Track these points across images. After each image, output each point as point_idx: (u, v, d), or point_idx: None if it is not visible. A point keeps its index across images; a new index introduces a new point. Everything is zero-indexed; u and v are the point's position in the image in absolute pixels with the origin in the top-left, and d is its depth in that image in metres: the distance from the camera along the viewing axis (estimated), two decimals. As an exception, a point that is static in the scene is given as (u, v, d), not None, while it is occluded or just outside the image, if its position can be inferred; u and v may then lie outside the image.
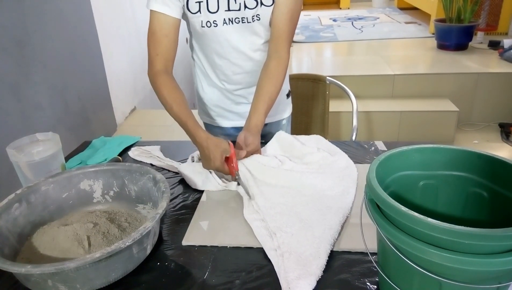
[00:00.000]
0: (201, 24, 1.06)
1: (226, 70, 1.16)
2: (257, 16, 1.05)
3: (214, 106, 1.27)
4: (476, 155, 0.62)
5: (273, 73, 1.08)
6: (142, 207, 0.88)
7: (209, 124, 1.34)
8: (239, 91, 1.22)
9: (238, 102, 1.25)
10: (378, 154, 1.11)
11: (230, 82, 1.19)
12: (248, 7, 1.04)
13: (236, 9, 1.04)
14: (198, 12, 1.04)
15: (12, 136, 0.98)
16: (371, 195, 0.56)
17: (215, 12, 1.04)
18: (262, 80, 1.09)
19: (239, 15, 1.05)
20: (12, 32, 1.75)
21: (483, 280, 0.51)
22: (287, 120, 1.37)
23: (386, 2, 6.21)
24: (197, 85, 1.28)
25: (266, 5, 1.04)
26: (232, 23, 1.06)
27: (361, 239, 0.62)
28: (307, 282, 0.66)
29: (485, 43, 3.57)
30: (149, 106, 3.40)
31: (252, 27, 1.08)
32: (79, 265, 0.61)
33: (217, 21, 1.05)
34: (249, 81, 1.19)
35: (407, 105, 2.84)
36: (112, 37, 2.74)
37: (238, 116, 1.27)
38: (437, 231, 0.47)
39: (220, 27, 1.06)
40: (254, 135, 1.03)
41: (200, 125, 0.99)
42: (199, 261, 0.75)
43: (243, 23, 1.06)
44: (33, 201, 0.82)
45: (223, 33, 1.08)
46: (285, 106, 1.34)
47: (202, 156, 0.97)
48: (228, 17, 1.05)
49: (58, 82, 2.11)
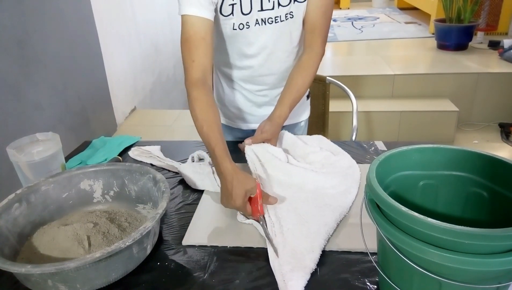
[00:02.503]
0: (232, 26, 1.03)
1: (254, 72, 1.14)
2: (290, 13, 1.03)
3: (235, 109, 1.25)
4: (476, 155, 0.62)
5: (304, 66, 1.08)
6: (142, 207, 0.88)
7: (228, 126, 1.31)
8: (263, 92, 1.19)
9: (260, 104, 1.22)
10: (378, 154, 1.11)
11: (255, 82, 1.17)
12: (282, 4, 1.01)
13: (269, 8, 1.01)
14: (230, 14, 1.01)
15: (12, 136, 0.98)
16: (371, 195, 0.56)
17: (248, 14, 1.01)
18: (293, 73, 1.09)
19: (272, 14, 1.02)
20: (12, 32, 1.75)
21: (483, 280, 0.51)
22: (305, 122, 1.34)
23: (386, 2, 6.21)
24: (217, 86, 1.26)
25: (299, 1, 1.02)
26: (265, 24, 1.03)
27: (361, 239, 0.62)
28: (301, 274, 0.68)
29: (485, 43, 3.57)
30: (149, 106, 3.40)
31: (284, 27, 1.05)
32: (79, 265, 0.61)
33: (249, 23, 1.02)
34: (275, 83, 1.17)
35: (407, 105, 2.83)
36: (112, 37, 2.74)
37: (259, 119, 1.22)
38: (437, 231, 0.47)
39: (252, 28, 1.03)
40: (273, 125, 1.02)
41: (229, 154, 0.88)
42: (199, 261, 0.75)
43: (276, 22, 1.04)
44: (33, 201, 0.82)
45: (255, 34, 1.05)
46: (304, 107, 1.31)
47: (222, 190, 0.84)
48: (261, 17, 1.02)
49: (58, 82, 2.11)
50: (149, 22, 3.33)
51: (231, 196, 0.81)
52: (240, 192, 0.80)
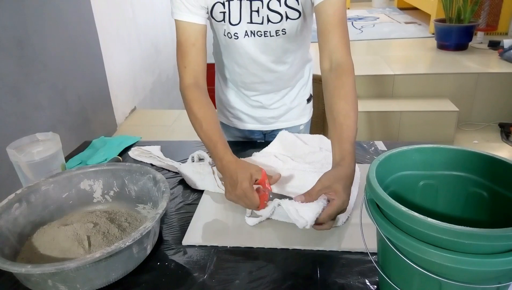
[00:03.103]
0: (224, 32, 1.02)
1: (245, 79, 1.13)
2: (283, 30, 0.99)
3: (232, 108, 1.25)
4: (476, 155, 0.62)
5: (339, 89, 0.87)
6: (142, 207, 0.88)
7: (226, 124, 1.31)
8: (256, 97, 1.19)
9: (255, 106, 1.22)
10: (378, 154, 1.11)
11: (247, 88, 1.17)
12: (272, 21, 0.97)
13: (258, 22, 0.98)
14: (222, 21, 1.00)
15: (12, 136, 0.98)
16: (371, 195, 0.56)
17: (237, 24, 0.99)
18: (331, 102, 0.87)
19: (261, 28, 0.99)
20: (12, 32, 1.75)
21: (483, 280, 0.51)
22: (305, 125, 1.29)
23: (386, 2, 6.21)
24: (217, 85, 1.26)
25: (292, 19, 0.97)
26: (254, 36, 1.01)
27: (361, 239, 0.62)
28: None
29: (485, 43, 3.57)
30: (149, 106, 3.40)
31: (275, 41, 1.02)
32: (79, 265, 0.61)
33: (238, 34, 1.01)
34: (267, 89, 1.16)
35: (407, 105, 2.84)
36: (112, 37, 2.74)
37: (255, 120, 1.24)
38: (437, 231, 0.47)
39: (241, 39, 1.02)
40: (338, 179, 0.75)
41: (230, 149, 0.89)
42: (199, 261, 0.75)
43: (266, 36, 1.00)
44: (33, 201, 0.82)
45: (243, 45, 1.03)
46: (304, 111, 1.26)
47: (227, 181, 0.84)
48: (250, 29, 1.00)
49: (58, 82, 2.11)
50: (149, 22, 3.33)
51: (237, 181, 0.80)
52: (245, 175, 0.81)
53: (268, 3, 0.95)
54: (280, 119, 1.24)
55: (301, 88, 1.22)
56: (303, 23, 1.01)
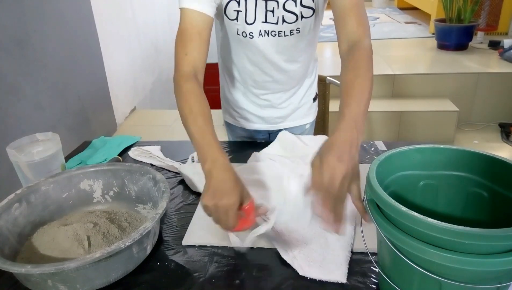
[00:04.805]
0: (237, 31, 1.01)
1: (257, 77, 1.13)
2: (297, 29, 0.99)
3: (239, 109, 1.24)
4: (476, 155, 0.62)
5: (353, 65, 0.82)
6: (142, 207, 0.88)
7: (232, 124, 1.30)
8: (266, 96, 1.18)
9: (263, 106, 1.21)
10: (378, 154, 1.11)
11: (258, 87, 1.16)
12: (287, 21, 0.97)
13: (273, 22, 0.98)
14: (235, 19, 0.99)
15: (12, 136, 0.98)
16: (371, 195, 0.56)
17: (252, 24, 0.98)
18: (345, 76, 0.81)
19: (275, 28, 0.99)
20: (12, 32, 1.75)
21: (483, 280, 0.51)
22: (311, 124, 1.30)
23: (386, 2, 6.21)
24: (223, 84, 1.26)
25: (306, 17, 0.97)
26: (268, 36, 1.00)
27: (361, 239, 0.62)
28: None
29: (485, 43, 3.57)
30: (149, 106, 3.40)
31: (289, 41, 1.02)
32: (79, 265, 0.61)
33: (253, 33, 1.00)
34: (278, 88, 1.16)
35: (407, 105, 2.84)
36: (112, 37, 2.74)
37: (262, 120, 1.24)
38: (437, 231, 0.47)
39: (255, 38, 1.01)
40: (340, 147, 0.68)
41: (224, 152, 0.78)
42: (199, 261, 0.75)
43: (280, 36, 1.00)
44: (33, 201, 0.82)
45: (258, 45, 1.02)
46: (309, 110, 1.26)
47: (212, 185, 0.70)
48: (265, 29, 0.99)
49: (58, 82, 2.11)
50: (149, 22, 3.33)
51: (227, 192, 0.68)
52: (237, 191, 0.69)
53: (284, 3, 0.95)
54: (288, 118, 1.24)
55: (309, 87, 1.23)
56: (315, 20, 1.01)
